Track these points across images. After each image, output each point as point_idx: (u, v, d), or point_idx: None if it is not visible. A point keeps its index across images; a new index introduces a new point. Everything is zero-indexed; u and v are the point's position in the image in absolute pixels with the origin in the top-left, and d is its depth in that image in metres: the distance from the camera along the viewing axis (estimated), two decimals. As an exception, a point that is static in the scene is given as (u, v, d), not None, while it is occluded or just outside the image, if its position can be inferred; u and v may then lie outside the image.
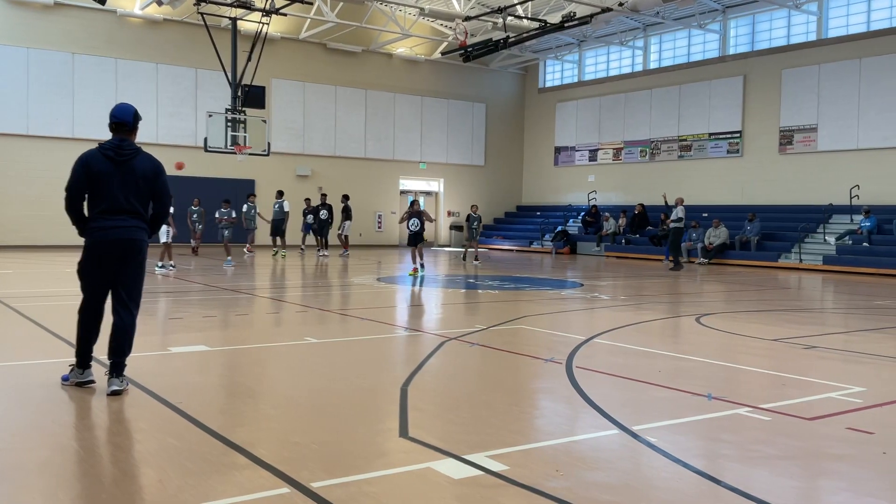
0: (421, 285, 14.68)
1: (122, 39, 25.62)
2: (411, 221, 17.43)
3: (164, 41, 26.22)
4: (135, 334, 5.45)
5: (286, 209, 22.80)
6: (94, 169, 5.26)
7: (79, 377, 5.42)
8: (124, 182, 5.30)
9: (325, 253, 23.21)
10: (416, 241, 17.37)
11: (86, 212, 5.42)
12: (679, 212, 20.48)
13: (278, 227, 22.41)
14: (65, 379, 5.52)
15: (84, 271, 5.38)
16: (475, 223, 21.61)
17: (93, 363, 5.54)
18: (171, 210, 17.11)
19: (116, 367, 5.31)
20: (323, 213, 23.66)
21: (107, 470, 3.86)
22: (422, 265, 17.29)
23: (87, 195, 5.34)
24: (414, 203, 18.09)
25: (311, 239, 25.01)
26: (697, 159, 27.55)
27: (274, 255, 22.19)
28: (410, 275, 16.61)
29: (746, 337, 8.62)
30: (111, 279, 5.35)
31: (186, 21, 25.89)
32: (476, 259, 22.00)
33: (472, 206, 22.17)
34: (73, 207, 5.34)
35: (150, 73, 26.03)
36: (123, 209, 5.30)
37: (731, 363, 7.04)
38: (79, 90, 24.88)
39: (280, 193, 23.23)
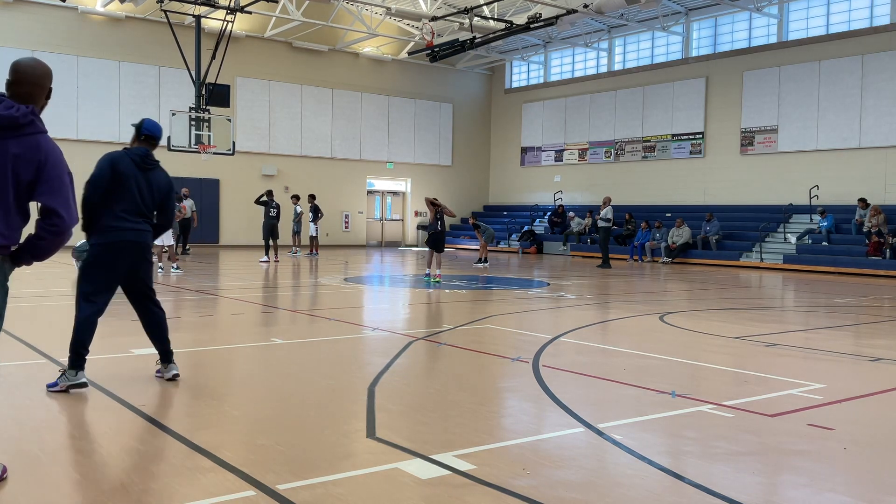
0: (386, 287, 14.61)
1: (84, 37, 25.19)
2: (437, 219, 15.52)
3: (127, 39, 25.84)
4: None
5: (299, 212, 23.52)
6: (120, 168, 5.47)
7: (73, 378, 5.31)
8: (144, 187, 5.56)
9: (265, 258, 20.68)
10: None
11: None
12: (608, 212, 20.71)
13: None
14: (52, 386, 5.35)
15: (95, 270, 5.46)
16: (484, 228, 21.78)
17: None
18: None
19: (168, 354, 5.79)
20: (271, 213, 21.05)
21: (69, 475, 3.79)
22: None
23: (104, 194, 5.47)
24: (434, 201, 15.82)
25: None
26: (661, 160, 27.86)
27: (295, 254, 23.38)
28: (436, 281, 14.97)
29: (709, 335, 8.73)
30: (122, 279, 5.61)
31: (149, 18, 25.53)
32: (481, 262, 20.81)
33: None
34: (89, 202, 5.43)
35: (112, 72, 25.64)
36: (141, 212, 5.56)
37: (694, 361, 7.14)
38: (38, 88, 24.38)
39: (296, 198, 23.53)
